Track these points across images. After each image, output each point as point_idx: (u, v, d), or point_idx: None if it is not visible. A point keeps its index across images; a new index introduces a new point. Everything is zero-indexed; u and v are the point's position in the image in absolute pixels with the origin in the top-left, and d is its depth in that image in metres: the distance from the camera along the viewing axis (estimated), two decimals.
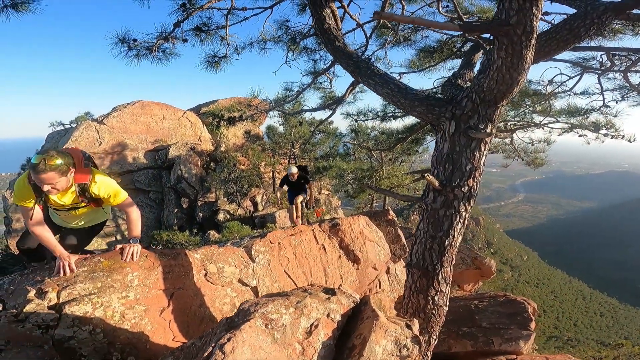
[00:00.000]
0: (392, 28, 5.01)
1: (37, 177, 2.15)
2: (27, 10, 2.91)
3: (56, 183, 2.22)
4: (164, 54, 3.70)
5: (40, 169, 2.11)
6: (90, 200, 2.53)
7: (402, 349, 1.45)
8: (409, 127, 9.61)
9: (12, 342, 2.39)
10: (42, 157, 2.14)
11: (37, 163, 2.12)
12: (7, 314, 2.40)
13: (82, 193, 2.47)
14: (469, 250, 8.70)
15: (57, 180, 2.21)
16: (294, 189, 7.23)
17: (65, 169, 2.23)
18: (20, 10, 2.90)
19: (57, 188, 2.26)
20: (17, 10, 2.89)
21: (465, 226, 2.70)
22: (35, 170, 2.12)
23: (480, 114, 2.56)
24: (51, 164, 2.14)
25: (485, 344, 3.38)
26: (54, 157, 2.18)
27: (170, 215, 15.23)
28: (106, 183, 2.55)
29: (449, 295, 2.86)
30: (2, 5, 2.83)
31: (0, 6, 2.83)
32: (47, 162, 2.13)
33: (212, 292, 3.22)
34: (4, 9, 2.84)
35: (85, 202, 2.54)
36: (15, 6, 2.87)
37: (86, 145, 14.74)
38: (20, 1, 2.87)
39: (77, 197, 2.49)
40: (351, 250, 5.02)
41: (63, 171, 2.21)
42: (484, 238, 57.15)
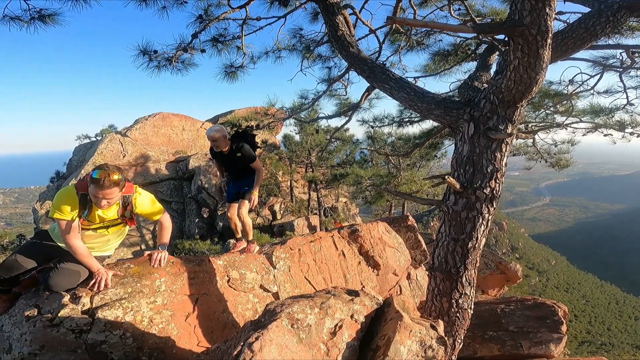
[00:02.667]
0: (405, 33, 5.03)
1: (99, 193, 2.15)
2: (53, 22, 3.08)
3: (114, 198, 2.24)
4: (183, 64, 3.85)
5: (105, 184, 2.12)
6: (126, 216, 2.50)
7: (428, 350, 1.44)
8: (426, 132, 9.53)
9: (47, 347, 2.50)
10: (105, 173, 2.14)
11: (101, 179, 2.12)
12: (42, 318, 2.49)
13: (124, 206, 2.45)
14: (493, 255, 8.48)
15: (117, 195, 2.24)
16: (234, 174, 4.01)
17: (123, 184, 2.27)
18: (48, 22, 3.07)
19: (112, 203, 2.28)
20: (45, 23, 3.06)
21: (488, 228, 2.67)
22: (98, 186, 2.12)
23: (499, 115, 2.54)
24: (114, 180, 2.15)
25: (513, 348, 3.29)
26: (115, 172, 2.19)
27: (191, 225, 15.55)
28: (148, 195, 2.60)
29: (474, 299, 2.81)
30: (30, 18, 3.02)
31: (28, 19, 3.01)
32: (110, 177, 2.14)
33: (235, 298, 3.28)
34: (32, 21, 3.03)
35: (121, 220, 2.51)
36: (43, 18, 3.05)
37: (111, 158, 15.32)
38: (47, 13, 3.05)
39: (118, 212, 2.47)
40: (371, 256, 4.99)
41: (122, 186, 2.26)
42: (508, 243, 55.47)
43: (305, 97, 5.86)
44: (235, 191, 3.95)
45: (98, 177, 2.12)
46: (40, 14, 3.04)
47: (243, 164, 3.81)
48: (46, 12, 3.05)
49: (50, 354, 2.48)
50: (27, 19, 3.03)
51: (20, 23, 3.00)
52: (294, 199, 17.88)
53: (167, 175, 16.30)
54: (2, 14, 2.93)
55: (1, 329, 2.75)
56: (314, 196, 17.45)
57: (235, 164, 3.86)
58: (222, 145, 3.75)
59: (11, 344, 2.62)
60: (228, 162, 3.90)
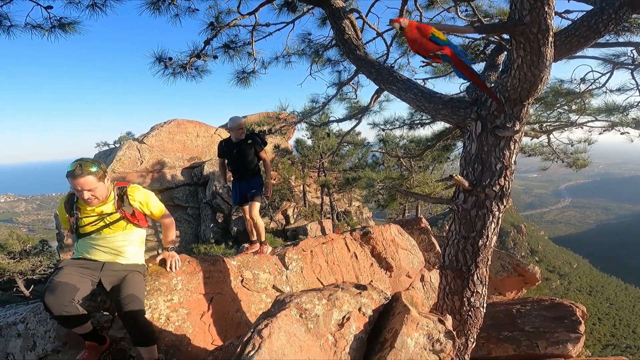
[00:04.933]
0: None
1: (75, 183, 2.11)
2: (73, 30, 3.20)
3: (95, 189, 2.18)
4: (197, 71, 3.98)
5: (76, 173, 2.09)
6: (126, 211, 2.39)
7: (435, 343, 1.46)
8: (438, 134, 9.47)
9: (69, 344, 2.60)
10: (77, 163, 2.13)
11: (73, 169, 2.10)
12: None
13: (120, 197, 2.39)
14: (510, 257, 8.33)
15: (95, 185, 2.17)
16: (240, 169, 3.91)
17: (101, 174, 2.21)
18: (68, 30, 3.20)
19: (96, 196, 2.21)
20: (65, 31, 3.20)
21: (499, 226, 2.67)
22: (72, 176, 2.10)
23: (506, 113, 2.56)
24: (87, 168, 2.12)
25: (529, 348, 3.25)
26: (89, 162, 2.17)
27: (206, 230, 15.81)
28: (143, 189, 2.52)
29: (487, 300, 2.80)
30: (50, 26, 3.16)
31: (49, 27, 3.15)
32: (83, 167, 2.11)
33: (248, 297, 3.35)
34: (52, 29, 3.17)
35: (120, 214, 2.37)
36: (63, 26, 3.19)
37: (129, 164, 15.76)
38: (66, 22, 3.18)
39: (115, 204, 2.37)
40: (383, 258, 5.00)
41: (100, 176, 2.19)
42: (527, 246, 54.15)
43: (315, 101, 5.94)
44: (243, 194, 3.96)
45: (71, 169, 2.11)
46: (60, 22, 3.16)
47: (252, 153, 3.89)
48: (66, 21, 3.16)
49: (72, 351, 2.57)
50: (48, 27, 3.15)
51: (41, 31, 3.13)
52: (307, 204, 17.96)
53: (183, 181, 16.65)
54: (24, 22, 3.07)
55: (26, 326, 2.86)
56: (326, 200, 17.50)
57: (244, 156, 3.88)
58: (239, 132, 3.90)
59: (35, 341, 2.72)
60: (238, 152, 3.90)
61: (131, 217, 2.42)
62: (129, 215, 2.41)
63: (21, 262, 13.31)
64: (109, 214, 2.36)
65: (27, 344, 2.75)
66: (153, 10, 3.29)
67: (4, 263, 13.10)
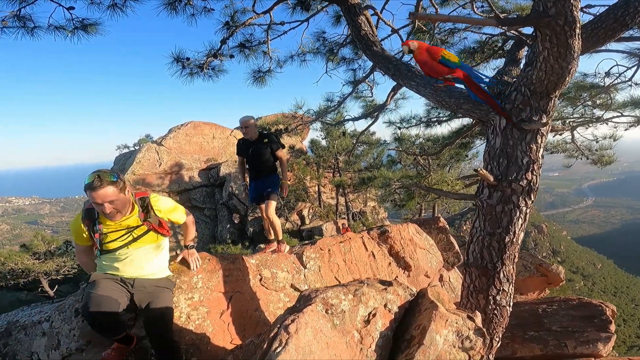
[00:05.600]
0: (428, 32, 4.98)
1: (95, 195, 1.96)
2: (95, 31, 3.27)
3: (116, 202, 2.04)
4: (213, 71, 4.02)
5: (95, 185, 1.94)
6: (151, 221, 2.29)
7: (465, 341, 1.41)
8: (456, 131, 9.30)
9: (93, 342, 2.63)
10: (95, 174, 1.99)
11: (91, 181, 1.95)
12: None
13: (143, 208, 2.26)
14: (532, 257, 8.12)
15: (117, 197, 2.03)
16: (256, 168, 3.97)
17: (122, 185, 2.07)
18: (90, 32, 3.26)
19: (118, 209, 2.09)
20: (87, 32, 3.26)
21: (526, 222, 2.60)
22: (91, 188, 1.95)
23: (532, 106, 2.50)
24: (107, 179, 1.98)
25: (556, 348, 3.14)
26: (108, 172, 2.03)
27: (223, 231, 15.98)
28: (166, 199, 2.43)
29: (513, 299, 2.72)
30: (73, 27, 3.22)
31: (71, 28, 3.22)
32: (102, 178, 1.97)
33: (267, 296, 3.34)
34: (75, 31, 3.23)
35: (147, 225, 2.27)
36: (85, 28, 3.25)
37: (148, 166, 16.10)
38: (88, 23, 3.24)
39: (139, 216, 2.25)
40: (401, 257, 4.93)
41: (120, 187, 2.05)
42: (548, 246, 52.63)
43: (331, 100, 5.91)
44: (259, 192, 3.98)
45: (89, 181, 1.96)
46: (82, 24, 3.22)
47: (269, 152, 3.88)
48: (88, 22, 3.23)
49: (96, 349, 2.59)
50: (71, 29, 3.21)
51: (64, 32, 3.19)
52: (322, 204, 17.95)
53: (200, 182, 16.90)
54: (47, 23, 3.12)
55: (51, 325, 2.91)
56: (342, 201, 17.44)
57: (260, 154, 3.90)
58: (252, 132, 3.90)
59: (60, 340, 2.75)
60: (253, 152, 3.93)
61: (159, 227, 2.33)
62: (156, 227, 2.31)
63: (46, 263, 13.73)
64: (135, 227, 2.24)
65: (51, 342, 2.79)
66: (170, 11, 3.33)
67: (29, 263, 13.56)
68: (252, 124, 3.90)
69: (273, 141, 3.92)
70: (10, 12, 2.89)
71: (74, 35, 3.22)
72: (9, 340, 3.06)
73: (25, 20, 3.03)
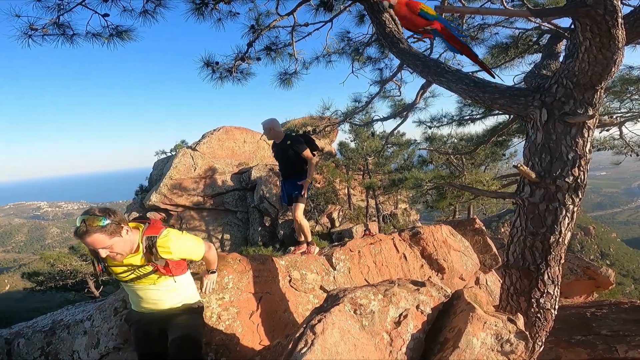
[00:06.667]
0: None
1: (84, 243, 1.76)
2: (129, 38, 3.41)
3: (111, 246, 1.80)
4: (242, 74, 4.11)
5: (81, 231, 1.70)
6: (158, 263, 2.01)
7: (505, 344, 1.31)
8: (491, 129, 8.90)
9: (129, 341, 2.69)
10: (82, 219, 1.73)
11: (78, 226, 1.72)
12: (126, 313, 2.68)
13: (149, 249, 1.97)
14: (579, 260, 7.60)
15: (109, 243, 1.78)
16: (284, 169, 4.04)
17: (113, 228, 1.78)
18: (124, 38, 3.41)
19: (116, 252, 1.84)
20: (122, 39, 3.41)
21: (574, 221, 2.44)
22: (77, 235, 1.73)
23: (576, 99, 2.36)
24: (94, 224, 1.71)
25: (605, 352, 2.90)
26: (96, 216, 1.75)
27: (254, 234, 16.28)
28: (179, 239, 2.05)
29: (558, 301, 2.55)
30: (109, 34, 3.38)
31: (107, 35, 3.37)
32: (88, 222, 1.71)
33: (296, 298, 3.33)
34: (111, 38, 3.39)
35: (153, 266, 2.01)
36: (120, 34, 3.39)
37: (184, 171, 16.75)
38: (123, 29, 3.39)
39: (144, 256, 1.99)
40: (434, 259, 4.76)
41: (112, 231, 1.77)
42: (596, 249, 49.19)
43: (358, 100, 5.86)
44: (288, 194, 3.99)
45: (77, 225, 1.74)
46: (117, 30, 3.37)
47: (293, 154, 3.85)
48: (122, 29, 3.38)
49: (132, 348, 2.65)
50: (107, 36, 3.37)
51: (101, 39, 3.37)
52: (351, 206, 17.83)
53: (232, 186, 17.34)
54: (85, 30, 3.30)
55: (92, 323, 3.02)
56: (372, 203, 17.23)
57: (286, 156, 3.91)
58: (272, 134, 3.92)
59: (99, 339, 2.87)
60: (279, 153, 3.98)
61: (165, 268, 2.03)
62: (161, 268, 2.02)
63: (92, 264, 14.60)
64: (139, 267, 2.01)
65: (91, 341, 2.89)
66: (197, 16, 3.43)
67: (77, 265, 14.47)
68: (270, 127, 3.89)
69: (296, 142, 3.86)
70: (49, 20, 3.06)
71: (110, 42, 3.37)
72: (52, 339, 3.21)
73: (65, 28, 3.19)
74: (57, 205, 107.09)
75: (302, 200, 3.85)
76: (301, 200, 3.85)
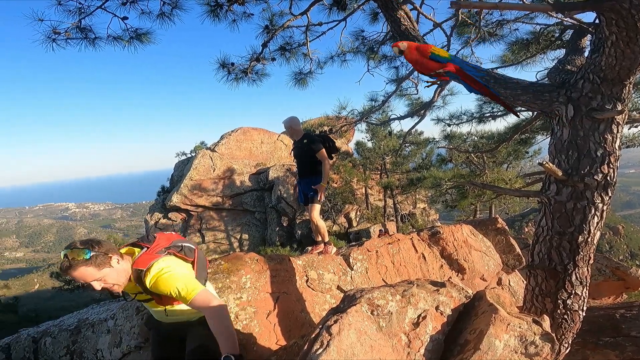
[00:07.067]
0: (474, 24, 4.68)
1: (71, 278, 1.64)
2: (148, 41, 3.47)
3: (102, 279, 1.65)
4: (257, 75, 4.14)
5: (64, 267, 1.58)
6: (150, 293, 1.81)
7: (529, 346, 1.26)
8: (513, 126, 8.65)
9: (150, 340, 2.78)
10: (64, 253, 1.61)
11: (61, 265, 1.60)
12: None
13: (139, 281, 1.79)
14: (608, 260, 7.28)
15: (98, 275, 1.63)
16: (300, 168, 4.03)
17: (100, 259, 1.63)
18: (144, 41, 3.46)
19: (109, 282, 1.70)
20: (141, 42, 3.46)
21: (603, 220, 2.35)
22: (62, 272, 1.62)
23: (604, 94, 2.28)
24: (77, 257, 1.58)
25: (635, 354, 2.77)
26: (79, 248, 1.61)
27: (272, 234, 16.41)
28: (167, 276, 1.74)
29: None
30: (129, 37, 3.45)
31: (128, 38, 3.44)
32: (70, 257, 1.58)
33: (313, 298, 3.32)
34: (131, 41, 3.46)
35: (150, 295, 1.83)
36: (139, 37, 3.45)
37: (204, 172, 17.07)
38: (142, 32, 3.44)
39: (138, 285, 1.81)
40: (454, 259, 4.65)
41: (99, 262, 1.63)
42: (626, 249, 47.00)
43: (374, 99, 5.79)
44: (304, 193, 3.98)
45: (60, 264, 1.63)
46: (136, 33, 3.44)
47: (309, 153, 3.83)
48: (141, 31, 3.44)
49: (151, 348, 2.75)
50: (127, 39, 3.44)
51: (122, 42, 3.44)
52: (369, 206, 17.71)
53: (250, 186, 17.54)
54: (106, 34, 3.38)
55: (115, 322, 3.08)
56: (389, 202, 17.06)
57: (299, 155, 3.93)
58: (290, 133, 3.97)
59: (122, 337, 2.94)
60: (295, 152, 3.99)
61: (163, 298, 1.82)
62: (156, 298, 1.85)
63: None
64: (137, 292, 1.87)
65: (114, 340, 2.96)
66: (213, 18, 3.47)
67: None
68: (289, 125, 3.92)
69: (312, 141, 3.83)
70: (71, 24, 3.15)
71: (130, 45, 3.44)
72: (77, 337, 3.32)
73: (87, 32, 3.28)
74: (84, 206, 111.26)
75: (316, 201, 3.84)
76: (315, 200, 3.83)
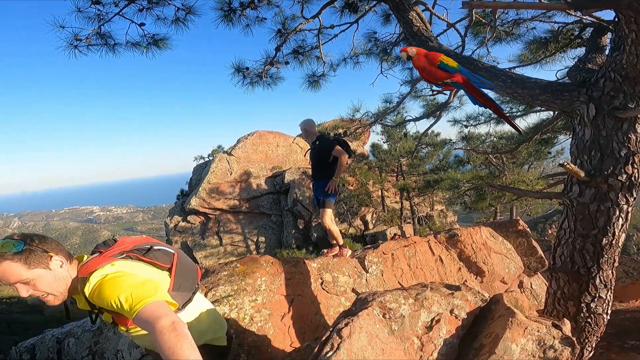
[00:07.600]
0: (489, 24, 4.60)
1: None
2: (165, 46, 3.56)
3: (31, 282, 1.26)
4: (271, 79, 4.20)
5: None
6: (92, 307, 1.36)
7: (548, 350, 1.22)
8: (534, 127, 8.41)
9: None
10: None
11: None
12: None
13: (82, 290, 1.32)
14: (635, 262, 6.99)
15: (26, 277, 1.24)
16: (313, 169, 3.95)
17: (35, 258, 1.27)
18: (161, 46, 3.55)
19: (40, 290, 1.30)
20: (159, 47, 3.56)
21: (628, 222, 2.28)
22: None
23: (626, 93, 2.23)
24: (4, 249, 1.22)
25: None
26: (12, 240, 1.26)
27: (288, 236, 16.48)
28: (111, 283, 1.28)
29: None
30: (147, 43, 3.54)
31: (145, 44, 3.54)
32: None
33: (327, 300, 3.32)
34: (149, 46, 3.55)
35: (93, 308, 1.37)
36: (156, 43, 3.54)
37: (221, 175, 17.33)
38: (159, 38, 3.54)
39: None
40: (473, 262, 4.55)
41: (33, 261, 1.26)
42: None
43: (389, 101, 5.77)
44: (316, 196, 3.96)
45: None
46: (154, 39, 3.53)
47: (322, 153, 3.80)
48: (158, 37, 3.54)
49: None
50: (145, 44, 3.54)
51: (140, 48, 3.54)
52: (385, 209, 17.55)
53: (267, 189, 17.70)
54: (125, 40, 3.48)
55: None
56: (406, 205, 16.87)
57: (313, 157, 3.92)
58: (305, 135, 4.02)
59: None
60: (312, 154, 3.96)
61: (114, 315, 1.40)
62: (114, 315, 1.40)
63: None
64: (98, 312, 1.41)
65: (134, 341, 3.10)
66: (227, 22, 3.54)
67: None
68: (303, 128, 3.95)
69: (324, 141, 3.83)
70: (92, 30, 3.26)
71: (148, 51, 3.55)
72: (99, 338, 3.42)
73: (107, 38, 3.39)
74: (108, 210, 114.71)
75: (328, 204, 3.80)
76: (328, 204, 3.79)
